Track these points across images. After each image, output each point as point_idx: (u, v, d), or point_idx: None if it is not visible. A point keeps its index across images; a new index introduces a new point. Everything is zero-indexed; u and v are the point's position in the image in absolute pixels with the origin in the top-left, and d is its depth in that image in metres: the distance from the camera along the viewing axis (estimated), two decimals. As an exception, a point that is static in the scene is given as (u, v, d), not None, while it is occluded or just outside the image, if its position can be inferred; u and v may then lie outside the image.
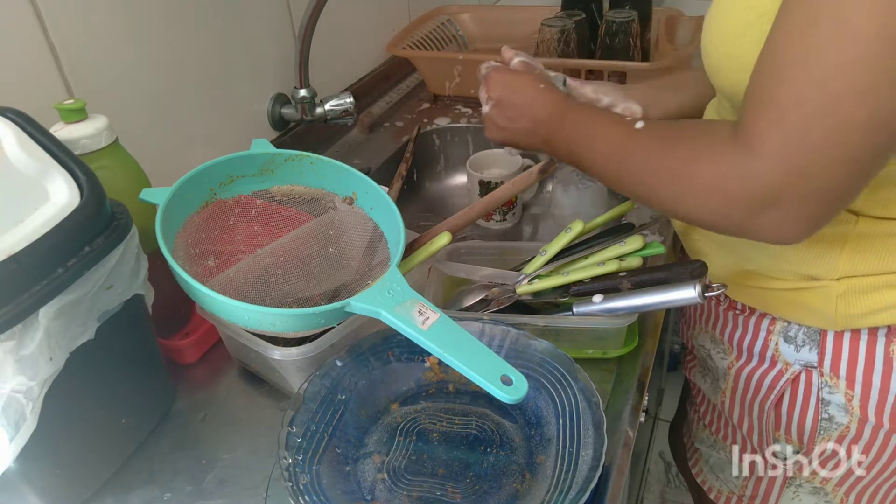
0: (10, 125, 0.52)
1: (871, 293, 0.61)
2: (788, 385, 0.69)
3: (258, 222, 0.64)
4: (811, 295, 0.63)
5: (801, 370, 0.68)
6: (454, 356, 0.50)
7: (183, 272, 0.52)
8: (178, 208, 0.59)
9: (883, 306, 0.61)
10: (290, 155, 0.65)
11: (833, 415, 0.68)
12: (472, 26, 1.46)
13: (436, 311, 0.53)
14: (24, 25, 0.67)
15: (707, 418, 0.84)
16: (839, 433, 0.68)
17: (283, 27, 1.05)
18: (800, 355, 0.67)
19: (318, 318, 0.54)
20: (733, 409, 0.77)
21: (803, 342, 0.67)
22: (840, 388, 0.66)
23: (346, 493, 0.55)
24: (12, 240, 0.46)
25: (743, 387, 0.74)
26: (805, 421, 0.69)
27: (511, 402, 0.49)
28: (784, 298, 0.66)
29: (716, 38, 0.57)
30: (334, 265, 0.64)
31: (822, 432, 0.69)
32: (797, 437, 0.71)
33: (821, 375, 0.67)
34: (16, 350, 0.46)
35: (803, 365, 0.67)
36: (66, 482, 0.57)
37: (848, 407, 0.66)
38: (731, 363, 0.75)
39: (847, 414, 0.67)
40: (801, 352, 0.67)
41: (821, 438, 0.69)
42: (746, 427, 0.76)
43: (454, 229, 0.69)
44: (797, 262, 0.62)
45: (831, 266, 0.61)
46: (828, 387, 0.67)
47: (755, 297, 0.69)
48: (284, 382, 0.68)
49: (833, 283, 0.61)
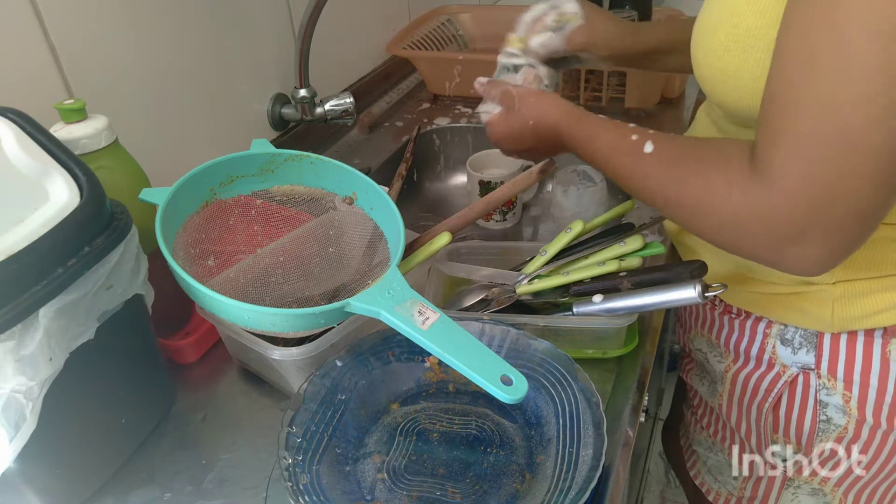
0: (10, 125, 0.52)
1: (867, 296, 0.61)
2: (786, 387, 0.69)
3: (258, 222, 0.64)
4: (808, 299, 0.63)
5: (799, 372, 0.68)
6: (454, 356, 0.50)
7: (183, 272, 0.52)
8: (178, 208, 0.59)
9: (879, 309, 0.61)
10: (290, 155, 0.65)
11: (831, 416, 0.68)
12: (472, 26, 1.46)
13: (436, 311, 0.53)
14: (24, 25, 0.67)
15: (704, 420, 0.84)
16: (837, 434, 0.68)
17: (283, 27, 1.05)
18: (797, 357, 0.67)
19: (318, 318, 0.54)
20: (731, 411, 0.77)
21: (800, 344, 0.67)
22: (838, 390, 0.66)
23: (346, 493, 0.55)
24: (12, 240, 0.46)
25: (740, 390, 0.74)
26: (803, 423, 0.69)
27: (511, 402, 0.49)
28: (780, 302, 0.66)
29: (703, 52, 0.56)
30: (334, 265, 0.64)
31: (821, 434, 0.69)
32: (795, 439, 0.71)
33: (818, 377, 0.67)
34: (16, 350, 0.46)
35: (801, 367, 0.67)
36: (66, 482, 0.57)
37: (846, 408, 0.66)
38: (728, 366, 0.75)
39: (845, 415, 0.67)
40: (799, 354, 0.67)
41: (819, 440, 0.69)
42: (744, 429, 0.76)
43: (454, 229, 0.69)
44: None
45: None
46: (825, 388, 0.67)
47: (751, 301, 0.69)
48: (284, 382, 0.67)
49: (829, 286, 0.62)
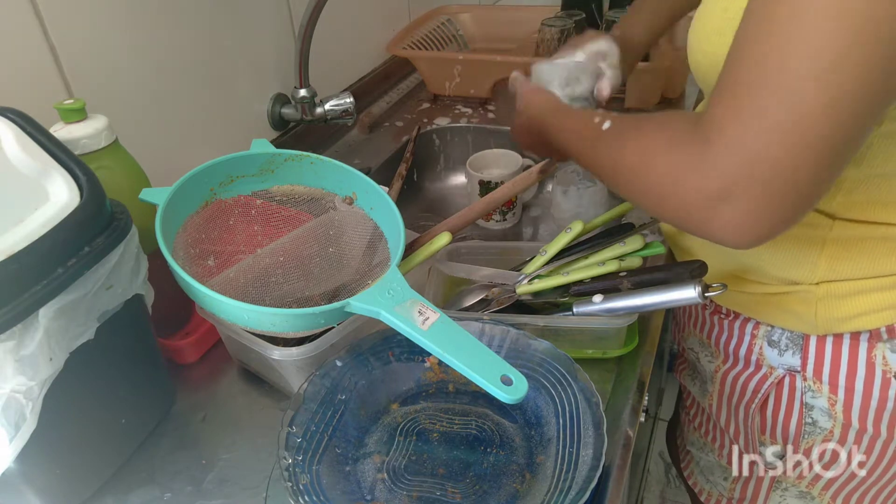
0: (10, 125, 0.52)
1: (851, 297, 0.60)
2: (773, 388, 0.69)
3: (258, 222, 0.64)
4: (792, 299, 0.63)
5: (785, 374, 0.68)
6: (454, 356, 0.50)
7: (183, 272, 0.52)
8: (178, 208, 0.58)
9: (863, 311, 0.60)
10: (290, 155, 0.65)
11: (816, 419, 0.68)
12: (472, 26, 1.46)
13: (436, 311, 0.53)
14: (24, 25, 0.67)
15: (696, 421, 0.84)
16: (823, 437, 0.68)
17: (283, 27, 1.05)
18: (783, 359, 0.67)
19: (318, 318, 0.54)
20: (720, 412, 0.77)
21: (786, 346, 0.67)
22: (823, 393, 0.66)
23: (346, 493, 0.55)
24: (12, 240, 0.46)
25: (729, 390, 0.74)
26: (790, 424, 0.69)
27: (511, 402, 0.49)
28: (767, 302, 0.66)
29: (699, 36, 0.57)
30: (334, 265, 0.64)
31: (806, 436, 0.69)
32: (782, 440, 0.71)
33: (804, 380, 0.66)
34: (16, 350, 0.46)
35: (787, 369, 0.67)
36: (66, 482, 0.57)
37: (831, 412, 0.66)
38: (718, 366, 0.75)
39: (830, 418, 0.67)
40: (785, 356, 0.67)
41: (805, 442, 0.69)
42: (733, 430, 0.76)
43: (454, 229, 0.69)
44: (778, 265, 0.62)
45: (810, 270, 0.61)
46: (811, 391, 0.66)
47: (740, 301, 0.69)
48: (284, 382, 0.68)
49: (813, 287, 0.61)
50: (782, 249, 0.61)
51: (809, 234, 0.60)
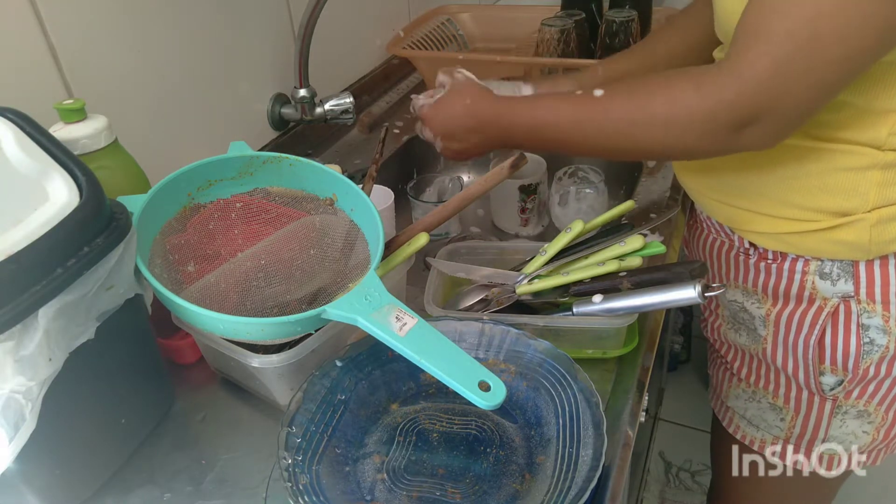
0: (9, 125, 0.52)
1: None
2: (829, 318, 0.72)
3: (238, 226, 0.63)
4: (846, 230, 0.67)
5: (840, 302, 0.71)
6: (431, 362, 0.50)
7: (155, 281, 0.52)
8: (156, 214, 0.58)
9: None
10: (269, 157, 0.64)
11: (874, 338, 0.72)
12: (472, 26, 1.46)
13: (414, 316, 0.53)
14: (24, 25, 0.67)
15: (743, 372, 0.85)
16: (880, 354, 0.72)
17: (283, 27, 1.05)
18: (836, 288, 0.71)
19: (295, 325, 0.53)
20: (776, 353, 0.79)
21: (839, 276, 0.70)
22: (877, 312, 0.70)
23: (346, 494, 0.55)
24: (12, 240, 0.46)
25: (784, 329, 0.77)
26: (849, 348, 0.73)
27: (489, 408, 0.49)
28: (820, 238, 0.69)
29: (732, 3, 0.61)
30: (315, 267, 0.62)
31: (865, 356, 0.73)
32: (842, 366, 0.74)
33: (858, 303, 0.71)
34: (15, 350, 0.46)
35: (841, 297, 0.71)
36: (65, 482, 0.57)
37: (886, 327, 0.71)
38: (769, 310, 0.77)
39: (886, 334, 0.71)
40: (838, 285, 0.71)
41: (864, 362, 0.73)
42: (791, 367, 0.78)
43: (429, 228, 0.69)
44: (831, 201, 0.66)
45: (863, 200, 0.65)
46: (866, 312, 0.71)
47: (791, 243, 0.72)
48: (266, 391, 0.66)
49: (866, 215, 0.65)
50: (834, 185, 0.65)
51: (861, 166, 0.64)
